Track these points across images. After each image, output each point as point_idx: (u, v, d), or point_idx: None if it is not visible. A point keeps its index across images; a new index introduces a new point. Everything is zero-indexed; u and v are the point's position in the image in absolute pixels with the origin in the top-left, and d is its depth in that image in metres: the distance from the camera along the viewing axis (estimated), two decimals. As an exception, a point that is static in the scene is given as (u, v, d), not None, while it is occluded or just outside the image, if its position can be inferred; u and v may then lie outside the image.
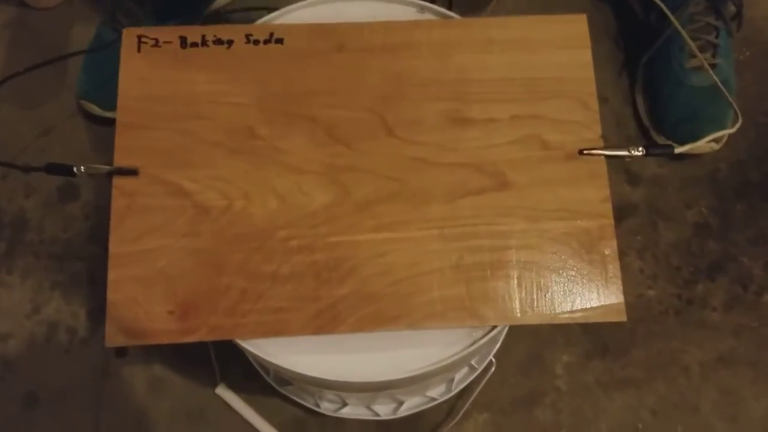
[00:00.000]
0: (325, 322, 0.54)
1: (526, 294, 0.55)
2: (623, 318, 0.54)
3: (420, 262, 0.56)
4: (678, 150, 0.59)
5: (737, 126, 0.64)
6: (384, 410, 0.86)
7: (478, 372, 0.85)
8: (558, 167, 0.58)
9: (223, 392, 0.92)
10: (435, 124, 0.59)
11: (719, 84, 0.68)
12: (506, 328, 0.86)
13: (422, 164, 0.58)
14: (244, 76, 0.59)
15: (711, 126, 0.92)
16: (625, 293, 0.96)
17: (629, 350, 0.94)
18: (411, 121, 0.59)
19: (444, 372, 0.59)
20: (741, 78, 1.01)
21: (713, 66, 0.96)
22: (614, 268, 0.55)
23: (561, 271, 0.56)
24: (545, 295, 0.55)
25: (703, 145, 0.95)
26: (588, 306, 0.55)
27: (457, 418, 0.89)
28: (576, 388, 0.92)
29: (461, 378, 0.87)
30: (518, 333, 0.93)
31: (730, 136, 0.98)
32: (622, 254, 0.97)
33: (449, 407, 0.91)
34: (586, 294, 0.55)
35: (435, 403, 0.85)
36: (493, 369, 0.86)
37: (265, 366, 0.84)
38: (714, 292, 0.96)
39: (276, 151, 0.58)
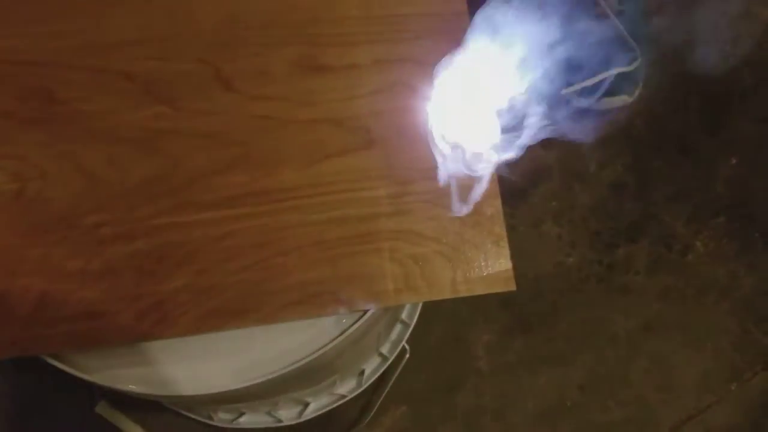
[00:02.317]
0: (149, 325, 0.44)
1: (400, 269, 0.46)
2: (512, 287, 0.46)
3: (272, 241, 0.46)
4: (566, 90, 0.51)
5: (635, 64, 0.57)
6: (287, 415, 0.77)
7: (390, 361, 0.77)
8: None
9: (105, 410, 0.81)
10: (283, 75, 0.49)
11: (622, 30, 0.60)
12: (417, 311, 0.78)
13: (270, 123, 0.48)
14: (33, 30, 0.47)
15: (618, 76, 0.85)
16: (544, 262, 0.91)
17: (552, 323, 0.87)
18: (253, 72, 0.49)
19: (312, 374, 0.49)
20: (652, 25, 0.94)
21: (620, 12, 0.89)
22: (500, 229, 0.47)
23: (440, 239, 0.47)
24: (423, 269, 0.46)
25: (615, 99, 0.88)
26: (472, 276, 0.46)
27: (372, 413, 0.81)
28: (498, 368, 0.85)
29: (372, 370, 0.78)
30: (432, 314, 0.84)
31: (644, 86, 0.91)
32: (538, 221, 0.91)
33: (363, 403, 0.83)
34: (469, 262, 0.46)
35: (345, 400, 0.76)
36: (407, 356, 0.78)
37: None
38: (636, 254, 0.90)
39: (80, 116, 0.46)
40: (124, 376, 0.46)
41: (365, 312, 0.47)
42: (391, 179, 0.47)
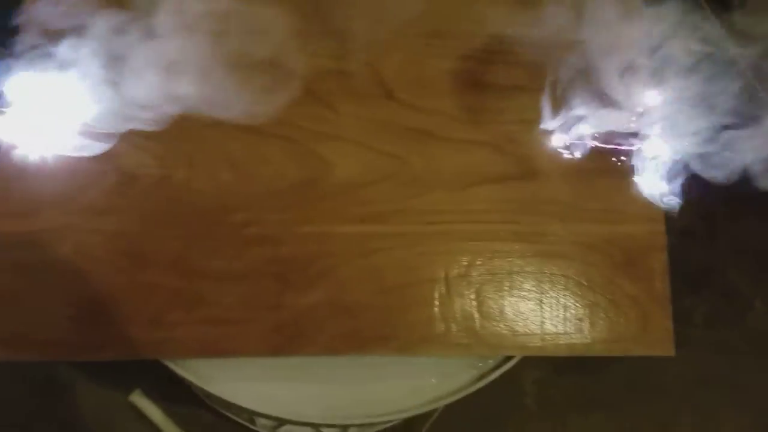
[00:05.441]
0: (286, 339, 0.40)
1: (551, 316, 0.43)
2: (671, 352, 0.43)
3: (418, 266, 0.43)
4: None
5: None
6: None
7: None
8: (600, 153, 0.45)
9: (139, 400, 0.77)
10: (446, 87, 0.45)
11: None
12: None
13: (428, 138, 0.45)
14: None
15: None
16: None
17: (604, 366, 0.85)
18: (414, 80, 0.45)
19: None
20: None
21: None
22: (663, 286, 0.43)
23: (597, 289, 0.43)
24: (575, 320, 0.43)
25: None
26: (628, 334, 0.43)
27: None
28: (545, 406, 0.82)
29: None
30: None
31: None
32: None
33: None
34: (625, 320, 0.43)
35: (389, 425, 0.73)
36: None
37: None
38: (697, 306, 0.88)
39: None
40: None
41: (507, 359, 0.44)
42: (551, 215, 0.44)
